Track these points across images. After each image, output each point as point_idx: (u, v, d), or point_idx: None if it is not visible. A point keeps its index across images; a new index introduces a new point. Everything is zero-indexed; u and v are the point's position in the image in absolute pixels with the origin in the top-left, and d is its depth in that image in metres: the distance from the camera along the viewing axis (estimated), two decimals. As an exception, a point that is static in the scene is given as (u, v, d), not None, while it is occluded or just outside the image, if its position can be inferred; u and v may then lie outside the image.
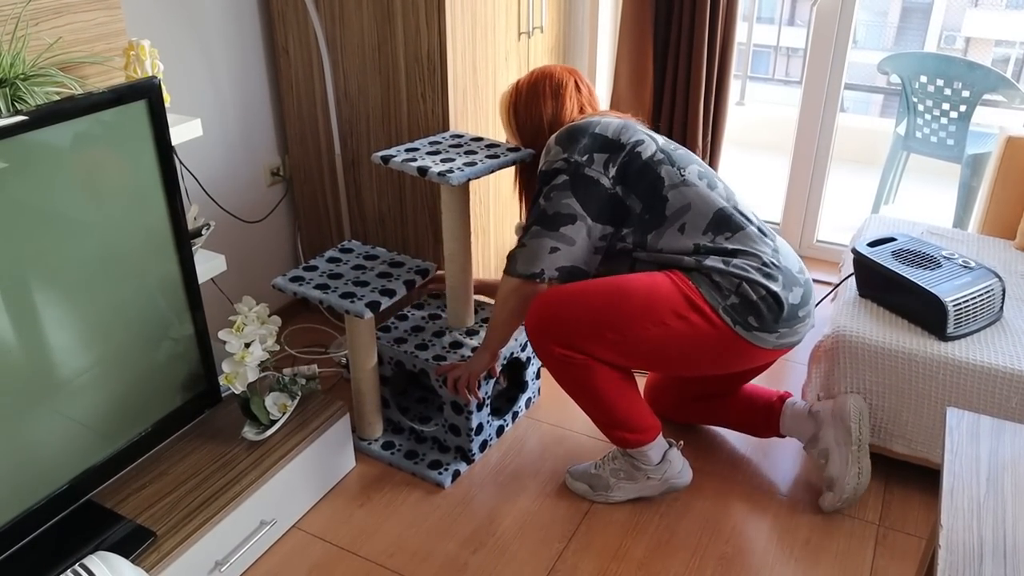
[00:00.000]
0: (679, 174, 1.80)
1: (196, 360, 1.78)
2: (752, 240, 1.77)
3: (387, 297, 1.96)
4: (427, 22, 2.16)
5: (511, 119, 2.03)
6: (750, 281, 1.72)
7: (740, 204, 1.83)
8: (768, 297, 1.73)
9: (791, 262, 1.82)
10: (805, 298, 1.81)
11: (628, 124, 1.85)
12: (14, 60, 1.48)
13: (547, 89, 1.98)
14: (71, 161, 1.42)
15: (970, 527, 1.19)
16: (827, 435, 1.91)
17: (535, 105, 1.98)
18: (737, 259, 1.75)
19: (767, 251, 1.77)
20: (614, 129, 1.83)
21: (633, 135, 1.82)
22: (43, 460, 1.50)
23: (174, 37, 2.17)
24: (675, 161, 1.82)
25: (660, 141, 1.85)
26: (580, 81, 2.01)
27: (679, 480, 1.93)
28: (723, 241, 1.76)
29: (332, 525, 1.93)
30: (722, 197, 1.81)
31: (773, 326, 1.75)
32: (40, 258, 1.40)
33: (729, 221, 1.78)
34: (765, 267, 1.75)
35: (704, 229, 1.77)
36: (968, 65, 3.38)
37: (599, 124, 1.84)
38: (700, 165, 1.85)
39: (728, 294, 1.72)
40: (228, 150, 2.43)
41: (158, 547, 1.60)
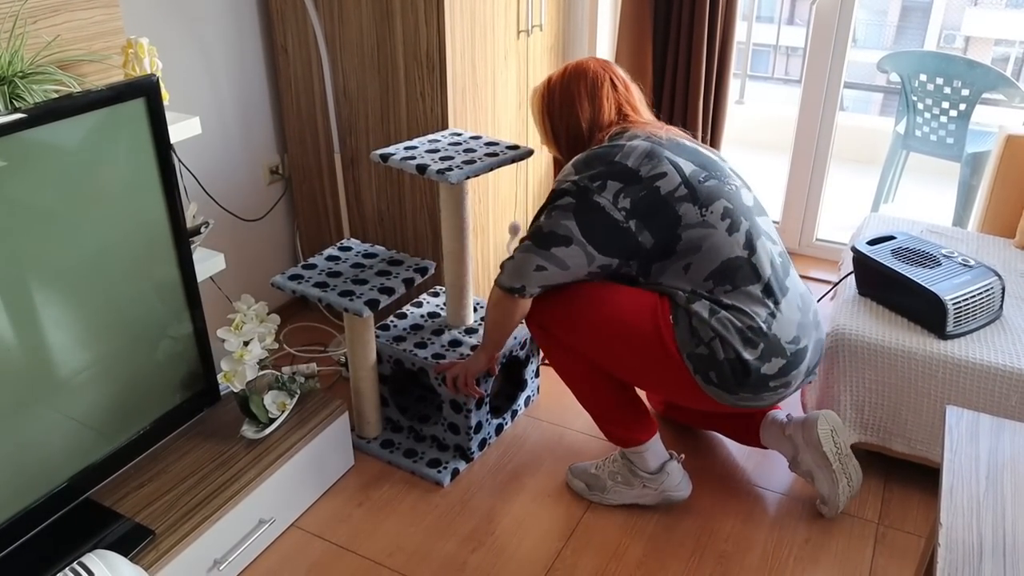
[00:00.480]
0: (699, 214, 1.67)
1: (195, 358, 1.77)
2: (750, 300, 1.68)
3: (386, 295, 1.96)
4: (426, 20, 2.16)
5: (547, 125, 1.91)
6: (723, 340, 1.65)
7: (761, 247, 1.71)
8: (736, 362, 1.66)
9: (786, 329, 1.70)
10: (786, 369, 1.70)
11: (655, 150, 1.71)
12: (12, 58, 1.47)
13: (582, 90, 1.84)
14: (69, 159, 1.42)
15: (970, 525, 1.18)
16: (805, 458, 1.89)
17: (571, 110, 1.85)
18: (725, 313, 1.67)
19: (760, 314, 1.67)
20: (636, 157, 1.70)
21: (656, 166, 1.69)
22: (42, 458, 1.50)
23: (173, 35, 2.17)
24: (699, 197, 1.68)
25: (688, 170, 1.70)
26: (616, 77, 1.88)
27: (676, 493, 1.92)
28: (720, 293, 1.68)
29: (331, 524, 1.93)
30: (739, 244, 1.68)
31: (734, 389, 1.69)
32: (38, 256, 1.40)
33: (734, 274, 1.68)
34: (748, 331, 1.66)
35: (707, 276, 1.68)
36: (968, 64, 3.38)
37: (622, 151, 1.71)
38: (730, 199, 1.70)
39: (698, 343, 1.66)
40: (227, 148, 2.42)
41: (156, 545, 1.60)
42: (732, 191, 1.72)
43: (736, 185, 1.74)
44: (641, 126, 1.80)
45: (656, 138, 1.75)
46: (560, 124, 1.87)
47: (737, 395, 1.70)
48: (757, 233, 1.71)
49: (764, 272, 1.69)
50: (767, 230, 1.75)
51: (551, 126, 1.90)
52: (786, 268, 1.75)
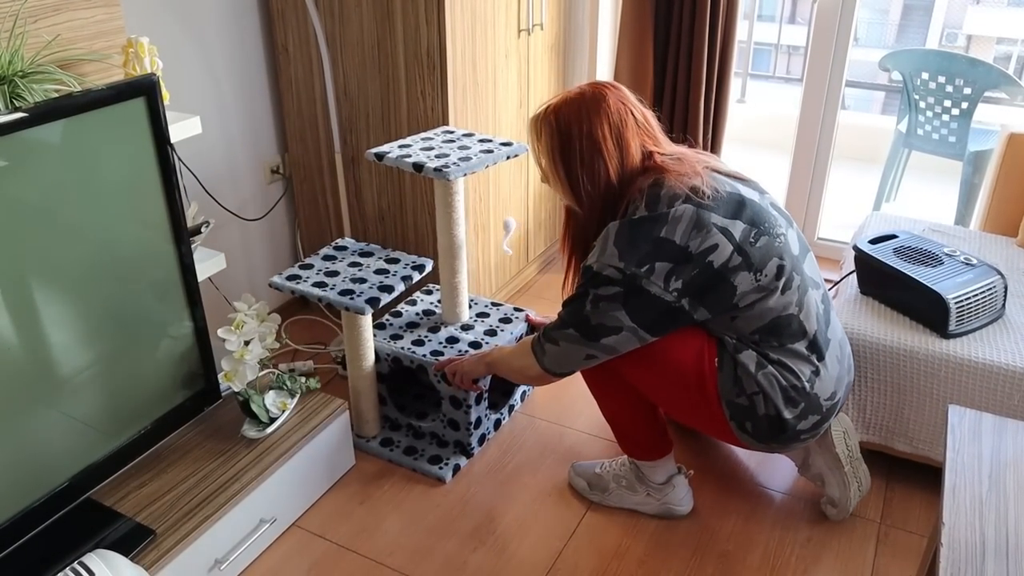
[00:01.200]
0: (754, 279, 1.57)
1: (196, 358, 1.77)
2: (796, 357, 1.63)
3: (386, 293, 1.96)
4: (427, 20, 2.15)
5: (560, 173, 1.67)
6: (766, 396, 1.62)
7: (810, 301, 1.64)
8: (775, 419, 1.64)
9: (827, 386, 1.66)
10: (819, 423, 1.69)
11: (702, 218, 1.55)
12: (12, 57, 1.47)
13: (607, 133, 1.62)
14: (70, 158, 1.42)
15: (972, 525, 1.18)
16: (817, 461, 1.88)
17: (597, 159, 1.62)
18: (772, 368, 1.62)
19: (805, 373, 1.63)
20: (684, 230, 1.54)
21: (706, 238, 1.54)
22: (43, 458, 1.50)
23: (173, 35, 2.17)
24: (753, 262, 1.57)
25: (738, 234, 1.56)
26: (634, 108, 1.66)
27: (678, 507, 1.92)
28: (767, 347, 1.63)
29: (332, 523, 1.93)
30: (792, 302, 1.61)
31: (767, 440, 1.68)
32: (39, 256, 1.40)
33: (782, 332, 1.62)
34: (792, 390, 1.63)
35: (754, 330, 1.62)
36: (970, 62, 3.38)
37: (667, 222, 1.55)
38: (781, 255, 1.60)
39: (740, 393, 1.63)
40: (227, 148, 2.42)
41: (157, 545, 1.60)
42: (782, 243, 1.61)
43: (783, 233, 1.63)
44: (673, 174, 1.61)
45: (698, 194, 1.58)
46: (581, 173, 1.64)
47: (768, 444, 1.70)
48: (806, 286, 1.64)
49: (811, 329, 1.64)
50: (812, 275, 1.68)
51: (566, 174, 1.67)
52: (828, 315, 1.70)
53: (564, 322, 1.66)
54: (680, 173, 1.61)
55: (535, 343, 1.73)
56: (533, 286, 2.96)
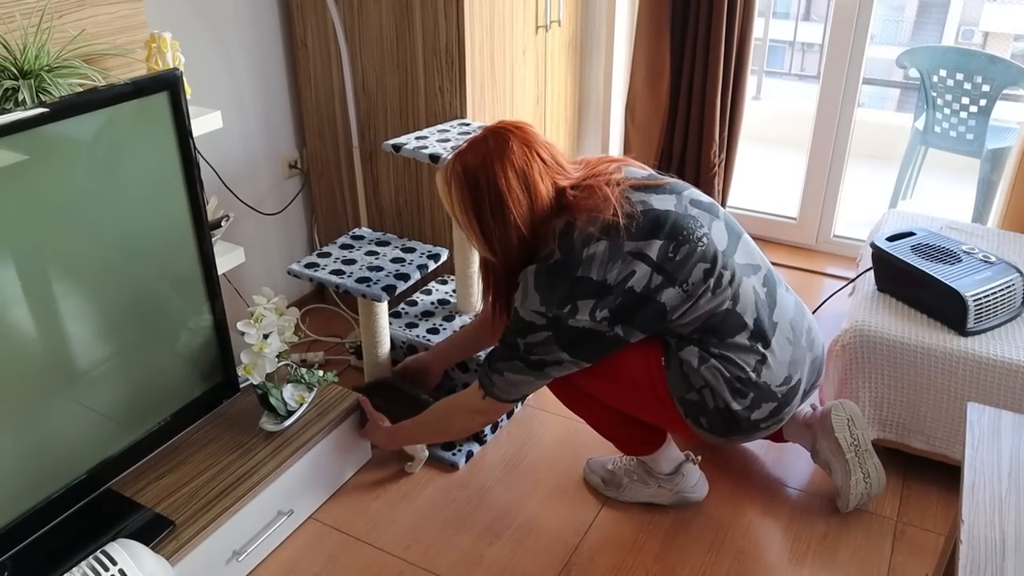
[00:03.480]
0: (681, 290, 1.57)
1: (214, 351, 1.79)
2: (738, 349, 1.63)
3: (402, 281, 1.98)
4: (445, 15, 2.16)
5: (474, 227, 1.63)
6: (712, 390, 1.63)
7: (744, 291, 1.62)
8: (725, 411, 1.65)
9: (777, 373, 1.66)
10: (777, 409, 1.68)
11: (614, 249, 1.55)
12: (39, 52, 1.49)
13: (512, 181, 1.58)
14: (93, 152, 1.43)
15: (992, 522, 1.18)
16: (823, 447, 1.88)
17: (507, 211, 1.59)
18: (714, 362, 1.63)
19: (750, 363, 1.63)
20: (599, 266, 1.55)
21: (623, 268, 1.55)
22: (63, 448, 1.51)
23: (194, 30, 2.18)
24: (677, 276, 1.57)
25: (656, 253, 1.55)
26: (538, 145, 1.62)
27: (692, 495, 1.92)
28: (707, 344, 1.63)
29: (349, 516, 1.94)
30: (726, 299, 1.61)
31: (724, 434, 1.69)
32: (61, 249, 1.42)
33: (718, 329, 1.62)
34: (736, 382, 1.63)
35: (692, 330, 1.63)
36: (988, 59, 3.36)
37: (582, 262, 1.55)
38: (704, 257, 1.58)
39: (689, 389, 1.65)
40: (246, 142, 2.44)
41: (177, 536, 1.61)
42: (705, 246, 1.59)
43: (705, 233, 1.60)
44: (584, 212, 1.58)
45: (609, 228, 1.56)
46: (492, 224, 1.61)
47: (728, 438, 1.71)
48: (739, 276, 1.63)
49: (750, 319, 1.63)
50: (746, 262, 1.66)
51: (478, 224, 1.63)
52: (772, 297, 1.68)
53: (503, 354, 1.67)
54: (591, 209, 1.58)
55: (481, 376, 1.72)
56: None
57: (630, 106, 2.96)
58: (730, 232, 1.67)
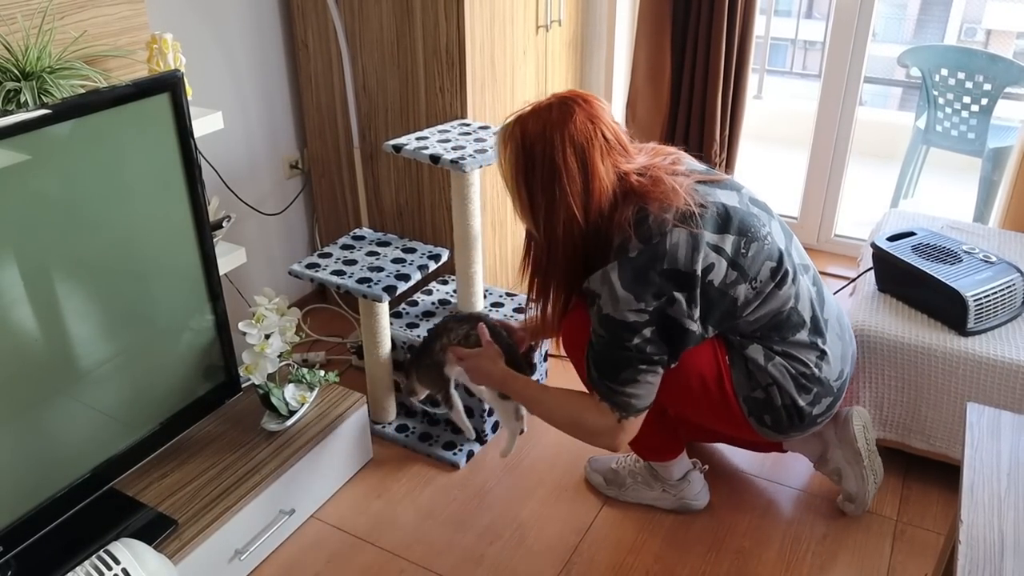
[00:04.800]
0: (752, 288, 1.56)
1: (216, 351, 1.79)
2: (800, 347, 1.63)
3: (403, 281, 1.99)
4: (445, 16, 2.16)
5: (523, 196, 1.57)
6: (780, 387, 1.63)
7: (803, 289, 1.63)
8: (791, 408, 1.65)
9: (834, 368, 1.67)
10: (832, 404, 1.70)
11: (696, 239, 1.50)
12: (41, 54, 1.49)
13: (569, 158, 1.50)
14: (94, 153, 1.44)
15: (991, 523, 1.18)
16: (836, 455, 1.88)
17: (558, 184, 1.51)
18: (780, 359, 1.62)
19: (811, 359, 1.64)
20: (685, 255, 1.49)
21: (705, 257, 1.50)
22: (67, 448, 1.52)
23: (195, 30, 2.19)
24: (748, 273, 1.55)
25: (730, 248, 1.53)
26: (604, 124, 1.54)
27: (694, 502, 1.92)
28: (770, 341, 1.63)
29: (350, 515, 1.94)
30: (789, 295, 1.60)
31: (785, 430, 1.69)
32: (64, 249, 1.42)
33: (782, 326, 1.61)
34: (802, 378, 1.63)
35: (755, 328, 1.62)
36: (990, 58, 3.35)
37: (667, 253, 1.49)
38: (771, 255, 1.57)
39: (755, 387, 1.64)
40: (247, 143, 2.44)
41: (179, 535, 1.62)
42: (769, 244, 1.58)
43: (768, 232, 1.59)
44: (655, 198, 1.52)
45: (685, 216, 1.51)
46: (541, 197, 1.54)
47: (787, 434, 1.71)
48: (797, 275, 1.62)
49: (807, 316, 1.63)
50: (800, 261, 1.67)
51: (527, 195, 1.56)
52: (821, 295, 1.69)
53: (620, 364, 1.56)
54: (661, 197, 1.52)
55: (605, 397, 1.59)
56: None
57: (631, 105, 2.96)
58: (784, 232, 1.66)
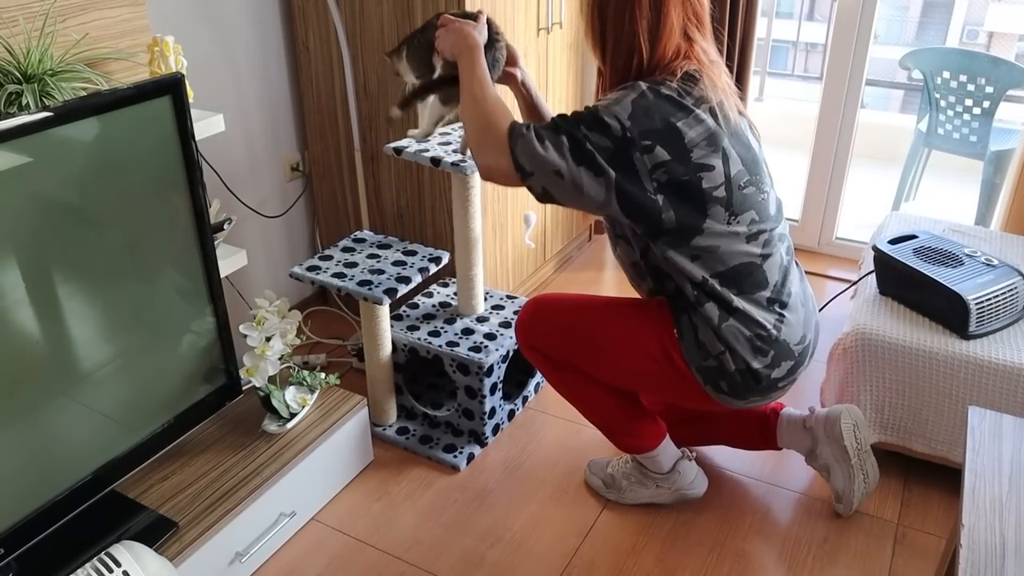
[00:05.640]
0: (726, 220, 1.56)
1: (217, 353, 1.79)
2: (758, 306, 1.63)
3: (403, 284, 1.99)
4: (447, 18, 2.16)
5: (595, 25, 1.57)
6: (733, 352, 1.62)
7: (775, 252, 1.64)
8: (746, 372, 1.63)
9: (795, 331, 1.67)
10: (794, 368, 1.69)
11: (716, 136, 1.53)
12: (42, 56, 1.49)
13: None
14: (96, 156, 1.44)
15: (992, 527, 1.18)
16: (824, 451, 1.88)
17: (629, 15, 1.50)
18: (733, 320, 1.61)
19: (769, 320, 1.63)
20: (698, 136, 1.51)
21: (709, 156, 1.52)
22: (68, 450, 1.52)
23: (197, 33, 2.19)
24: (732, 204, 1.56)
25: (734, 170, 1.55)
26: None
27: (691, 491, 1.92)
28: (728, 293, 1.61)
29: (351, 518, 1.94)
30: (755, 253, 1.61)
31: (744, 395, 1.68)
32: (65, 251, 1.42)
33: (743, 280, 1.61)
34: (757, 340, 1.62)
35: (714, 273, 1.60)
36: (992, 61, 3.35)
37: (687, 117, 1.50)
38: (759, 210, 1.60)
39: (707, 356, 1.63)
40: (248, 145, 2.44)
41: (180, 537, 1.62)
42: (763, 200, 1.62)
43: (767, 191, 1.65)
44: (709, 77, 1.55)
45: (721, 112, 1.55)
46: (611, 30, 1.54)
47: (747, 399, 1.70)
48: (774, 241, 1.65)
49: (772, 279, 1.64)
50: (782, 231, 1.70)
51: (599, 28, 1.56)
52: (790, 266, 1.71)
53: (560, 126, 1.53)
54: (715, 79, 1.56)
55: (520, 125, 1.55)
56: (551, 284, 2.97)
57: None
58: (777, 205, 1.70)
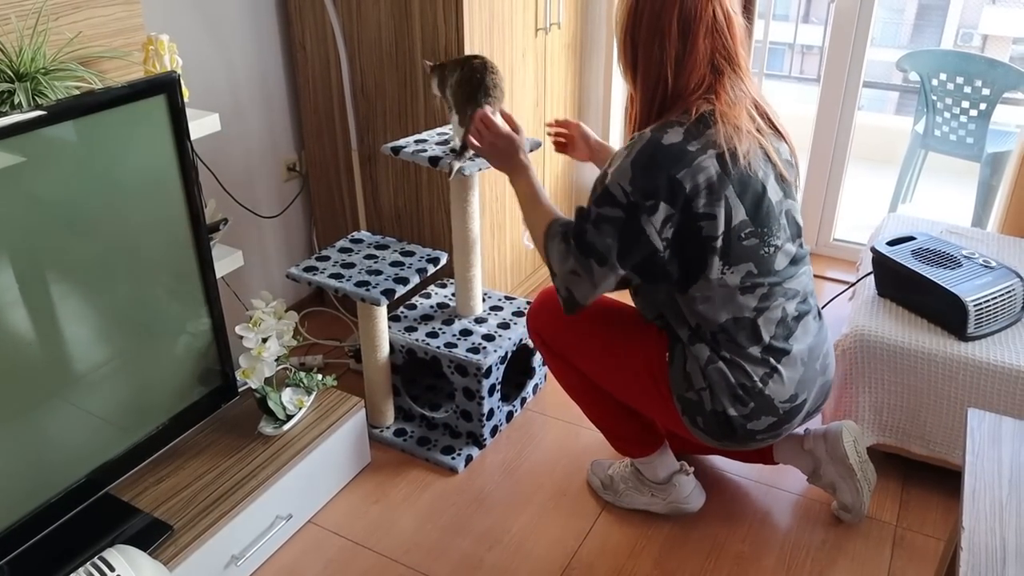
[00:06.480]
0: (720, 271, 1.54)
1: (213, 355, 1.78)
2: (748, 358, 1.60)
3: (401, 285, 1.98)
4: (444, 18, 2.15)
5: (627, 49, 1.56)
6: (713, 393, 1.60)
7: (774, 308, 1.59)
8: (722, 416, 1.61)
9: (783, 389, 1.62)
10: (776, 425, 1.64)
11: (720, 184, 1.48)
12: (35, 55, 1.48)
13: (674, 19, 1.48)
14: (90, 155, 1.43)
15: (992, 529, 1.17)
16: (828, 471, 1.85)
17: (658, 42, 1.50)
18: (721, 364, 1.59)
19: (757, 373, 1.60)
20: (701, 185, 1.48)
21: (711, 205, 1.49)
22: (61, 453, 1.51)
23: (191, 31, 2.18)
24: (729, 256, 1.53)
25: (736, 221, 1.51)
26: (720, 7, 1.50)
27: (686, 505, 1.90)
28: (718, 339, 1.59)
29: (348, 520, 1.93)
30: (748, 307, 1.57)
31: (719, 437, 1.65)
32: (59, 252, 1.41)
33: (736, 334, 1.58)
34: (740, 388, 1.59)
35: (706, 321, 1.59)
36: (988, 63, 3.35)
37: (689, 166, 1.47)
38: (758, 264, 1.55)
39: (689, 387, 1.62)
40: (245, 145, 2.43)
41: (175, 541, 1.61)
42: (766, 254, 1.56)
43: (776, 245, 1.57)
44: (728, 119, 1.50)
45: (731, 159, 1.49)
46: (641, 56, 1.54)
47: (721, 442, 1.68)
48: (777, 296, 1.59)
49: (766, 334, 1.59)
50: (792, 286, 1.62)
51: (631, 54, 1.56)
52: (796, 323, 1.63)
53: (568, 231, 1.60)
54: (733, 121, 1.51)
55: (554, 223, 1.64)
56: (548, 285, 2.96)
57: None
58: (793, 260, 1.62)
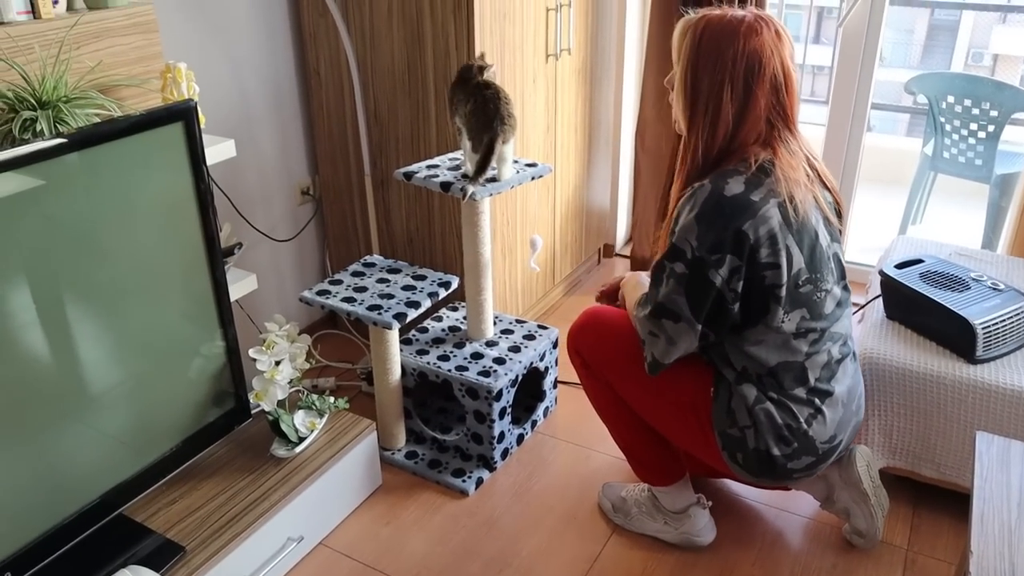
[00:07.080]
0: (780, 318, 1.57)
1: (227, 377, 1.80)
2: (795, 401, 1.62)
3: (413, 309, 2.00)
4: (456, 45, 2.19)
5: (688, 98, 1.58)
6: (758, 431, 1.62)
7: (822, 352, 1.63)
8: (764, 454, 1.63)
9: (826, 430, 1.65)
10: (814, 464, 1.67)
11: (781, 235, 1.51)
12: (57, 83, 1.52)
13: (740, 70, 1.50)
14: (108, 181, 1.46)
15: (1001, 554, 1.18)
16: (842, 496, 1.85)
17: (720, 95, 1.52)
18: (769, 405, 1.62)
19: (803, 413, 1.62)
20: (763, 236, 1.51)
21: (773, 255, 1.52)
22: (75, 474, 1.53)
23: (209, 58, 2.22)
24: (787, 303, 1.56)
25: (795, 268, 1.55)
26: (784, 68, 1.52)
27: (698, 538, 1.90)
28: (765, 381, 1.63)
29: (359, 542, 1.94)
30: (800, 351, 1.60)
31: (757, 474, 1.68)
32: (77, 275, 1.44)
33: (784, 376, 1.62)
34: (785, 429, 1.62)
35: (755, 365, 1.62)
36: (996, 85, 3.37)
37: (753, 218, 1.50)
38: (811, 308, 1.58)
39: (733, 424, 1.64)
40: (259, 169, 2.46)
41: (187, 562, 1.62)
42: (818, 299, 1.60)
43: (827, 290, 1.61)
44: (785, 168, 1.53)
45: (791, 206, 1.52)
46: (701, 105, 1.55)
47: (759, 478, 1.70)
48: (823, 339, 1.63)
49: (811, 378, 1.63)
50: (837, 329, 1.65)
51: (691, 101, 1.57)
52: (839, 366, 1.67)
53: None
54: (791, 171, 1.54)
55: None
56: (559, 308, 2.98)
57: (640, 133, 2.98)
58: (838, 303, 1.66)
